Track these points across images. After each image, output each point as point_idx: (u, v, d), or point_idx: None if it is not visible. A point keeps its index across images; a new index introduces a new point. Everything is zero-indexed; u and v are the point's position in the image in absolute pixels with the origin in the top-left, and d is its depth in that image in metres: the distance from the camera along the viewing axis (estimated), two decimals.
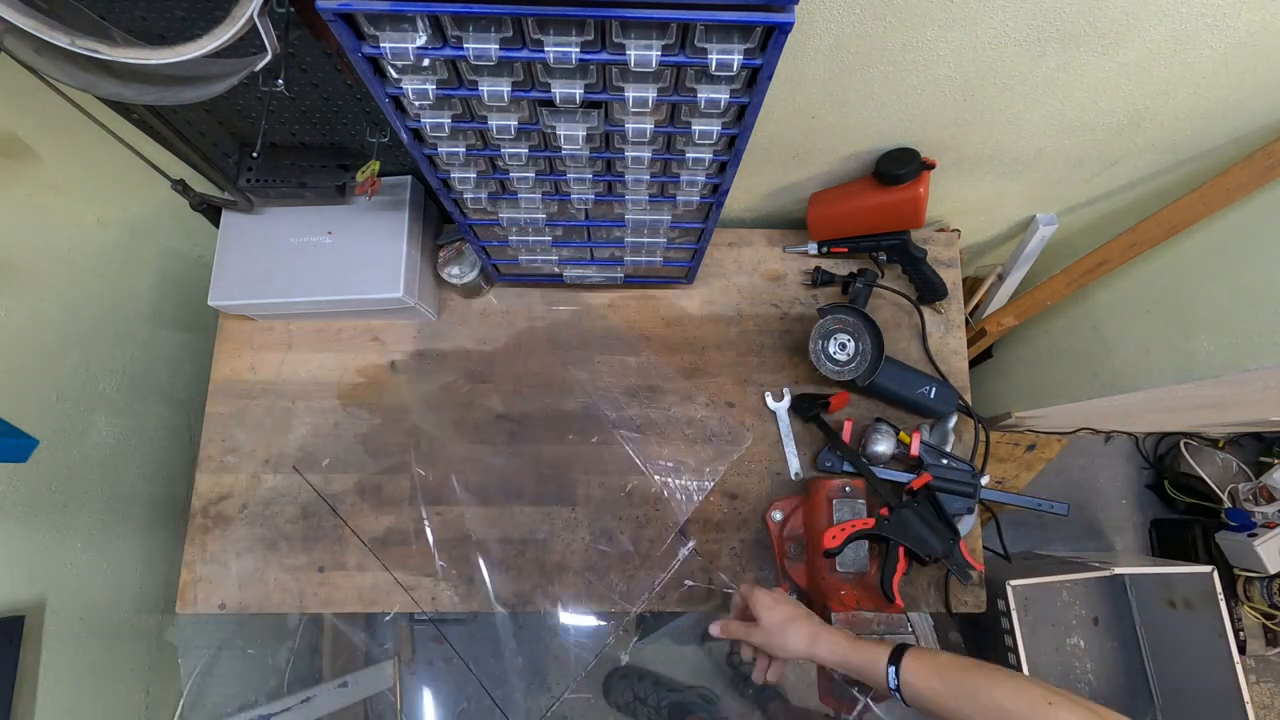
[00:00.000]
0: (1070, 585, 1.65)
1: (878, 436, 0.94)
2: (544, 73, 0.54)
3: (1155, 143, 0.85)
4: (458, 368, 1.01)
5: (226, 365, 1.01)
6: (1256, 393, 0.95)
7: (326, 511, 0.96)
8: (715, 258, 1.06)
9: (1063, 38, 0.65)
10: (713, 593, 0.95)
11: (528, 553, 0.95)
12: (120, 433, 1.03)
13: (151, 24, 0.63)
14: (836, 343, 0.94)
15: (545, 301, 1.04)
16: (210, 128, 0.80)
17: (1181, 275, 0.95)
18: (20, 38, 0.48)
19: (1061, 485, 1.91)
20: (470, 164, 0.67)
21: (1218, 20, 0.64)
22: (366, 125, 0.81)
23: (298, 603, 0.94)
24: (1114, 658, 1.63)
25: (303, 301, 0.90)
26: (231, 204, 0.88)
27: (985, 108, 0.77)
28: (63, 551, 0.92)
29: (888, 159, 0.86)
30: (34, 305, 0.89)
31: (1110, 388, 1.05)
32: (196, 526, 0.96)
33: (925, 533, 0.84)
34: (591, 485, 0.98)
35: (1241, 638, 1.63)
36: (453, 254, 0.96)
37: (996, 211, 1.06)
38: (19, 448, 0.65)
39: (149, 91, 0.55)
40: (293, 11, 0.56)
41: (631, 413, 1.00)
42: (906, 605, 0.93)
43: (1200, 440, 1.83)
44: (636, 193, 0.72)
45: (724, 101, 0.55)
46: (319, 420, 0.99)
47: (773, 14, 0.47)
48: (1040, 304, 1.08)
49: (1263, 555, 1.58)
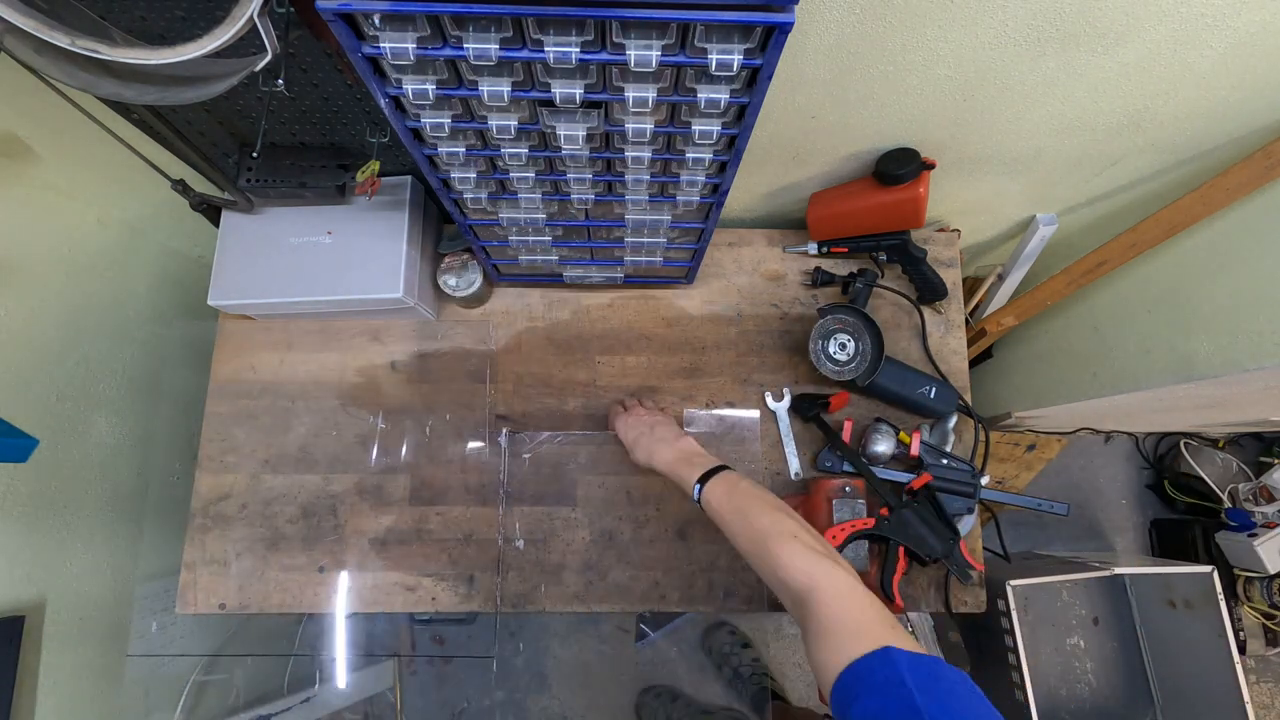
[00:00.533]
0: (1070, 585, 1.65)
1: (878, 436, 0.94)
2: (544, 73, 0.54)
3: (1155, 143, 0.85)
4: (458, 368, 1.01)
5: (226, 365, 1.01)
6: (1256, 393, 0.95)
7: (326, 511, 0.96)
8: (715, 258, 1.06)
9: (1063, 38, 0.65)
10: (713, 593, 0.95)
11: (528, 553, 0.95)
12: (120, 433, 1.03)
13: (151, 24, 0.63)
14: (836, 343, 0.94)
15: (545, 301, 1.04)
16: (210, 128, 0.80)
17: (1181, 275, 0.95)
18: (20, 38, 0.48)
19: (1061, 485, 1.91)
20: (470, 164, 0.67)
21: (1218, 20, 0.64)
22: (366, 125, 0.81)
23: (298, 603, 0.94)
24: (1114, 658, 1.63)
25: (303, 301, 0.90)
26: (231, 204, 0.88)
27: (985, 108, 0.77)
28: (63, 551, 0.92)
29: (888, 159, 0.86)
30: (34, 305, 0.89)
31: (1110, 388, 1.05)
32: (196, 526, 0.96)
33: (925, 533, 0.84)
34: (591, 485, 0.98)
35: (1241, 638, 1.63)
36: (455, 264, 0.96)
37: (996, 211, 1.06)
38: (19, 448, 0.65)
39: (149, 92, 0.55)
40: (293, 11, 0.56)
41: None
42: (906, 605, 0.93)
43: (1200, 440, 1.83)
44: (636, 193, 0.72)
45: (724, 101, 0.55)
46: (319, 420, 0.99)
47: (773, 14, 0.47)
48: (1040, 304, 1.08)
49: (1263, 555, 1.58)
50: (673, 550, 0.96)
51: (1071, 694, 1.61)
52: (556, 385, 1.01)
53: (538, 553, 0.95)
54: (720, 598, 0.95)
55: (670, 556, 0.95)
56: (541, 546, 0.96)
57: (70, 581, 0.93)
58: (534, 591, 0.94)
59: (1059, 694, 1.61)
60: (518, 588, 0.94)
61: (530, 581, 0.95)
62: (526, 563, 0.95)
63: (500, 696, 1.70)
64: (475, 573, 0.94)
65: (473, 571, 0.95)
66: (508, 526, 0.96)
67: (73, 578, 0.94)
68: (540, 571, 0.95)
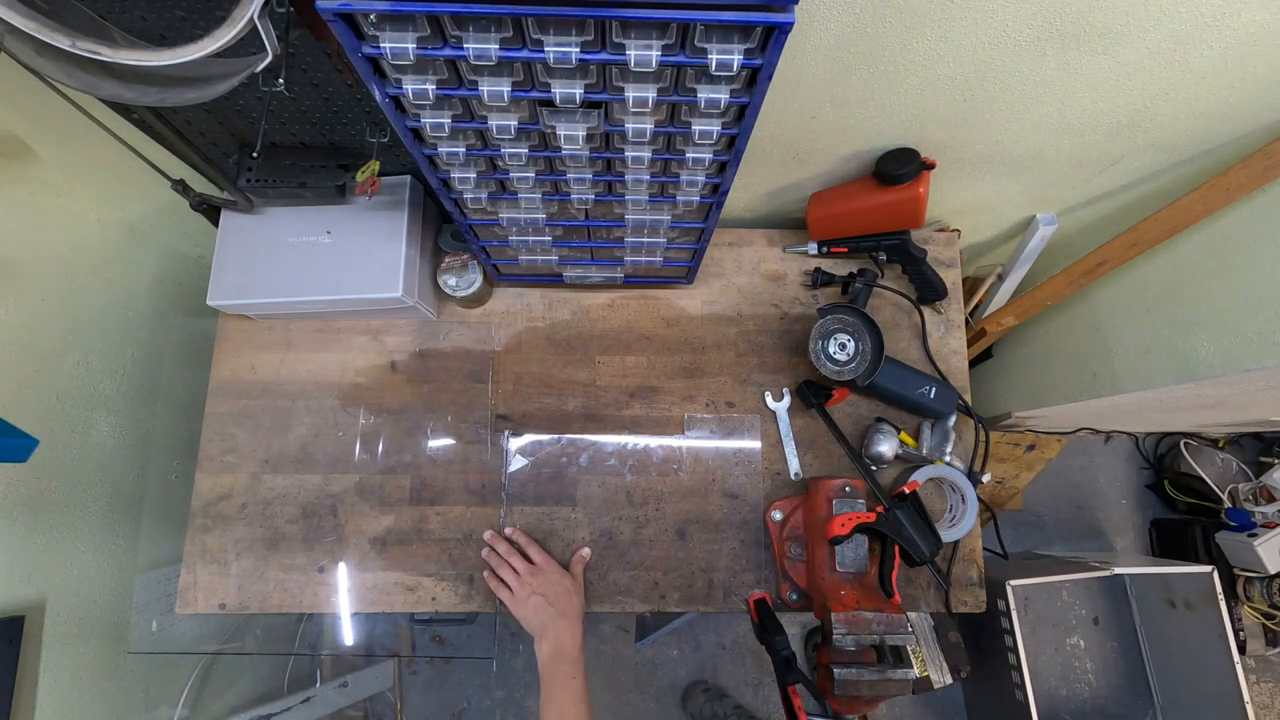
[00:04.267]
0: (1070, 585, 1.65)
1: (879, 436, 0.94)
2: (544, 73, 0.54)
3: (1155, 143, 0.85)
4: (458, 368, 1.02)
5: (226, 365, 1.01)
6: (1256, 393, 0.96)
7: (326, 511, 0.97)
8: (715, 258, 1.06)
9: (1063, 38, 0.66)
10: (713, 593, 0.95)
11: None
12: (120, 433, 1.03)
13: (152, 25, 0.63)
14: (836, 343, 0.94)
15: (545, 301, 1.04)
16: (210, 128, 0.80)
17: (1181, 275, 0.95)
18: (21, 39, 0.48)
19: (1061, 485, 1.91)
20: (470, 164, 0.67)
21: (1218, 20, 0.64)
22: (366, 125, 0.81)
23: (298, 603, 0.94)
24: (1114, 658, 1.63)
25: (302, 301, 0.90)
26: (231, 204, 0.88)
27: (985, 108, 0.77)
28: (63, 551, 0.93)
29: (888, 159, 0.86)
30: (34, 305, 0.89)
31: (1110, 388, 1.05)
32: (196, 526, 0.96)
33: (915, 535, 0.85)
34: (591, 485, 0.98)
35: (1241, 638, 1.63)
36: (455, 264, 0.96)
37: (996, 211, 1.06)
38: (19, 448, 0.65)
39: (150, 93, 0.55)
40: (293, 11, 0.56)
41: (631, 413, 1.00)
42: (906, 605, 0.93)
43: (1200, 440, 1.83)
44: (636, 193, 0.72)
45: (724, 101, 0.55)
46: (319, 420, 0.99)
47: (773, 14, 0.47)
48: (1040, 304, 1.08)
49: (1263, 555, 1.58)
50: (673, 550, 0.96)
51: (1071, 694, 1.61)
52: (556, 385, 1.01)
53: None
54: (720, 598, 0.95)
55: (670, 556, 0.95)
56: (542, 546, 0.96)
57: (70, 581, 0.93)
58: None
59: (1059, 694, 1.61)
60: None
61: None
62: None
63: (500, 696, 1.70)
64: (475, 573, 0.94)
65: (473, 571, 0.95)
66: (508, 526, 0.96)
67: (73, 578, 0.94)
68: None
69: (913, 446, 0.95)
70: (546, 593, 0.86)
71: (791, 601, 0.92)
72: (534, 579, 0.88)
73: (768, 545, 0.95)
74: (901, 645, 0.76)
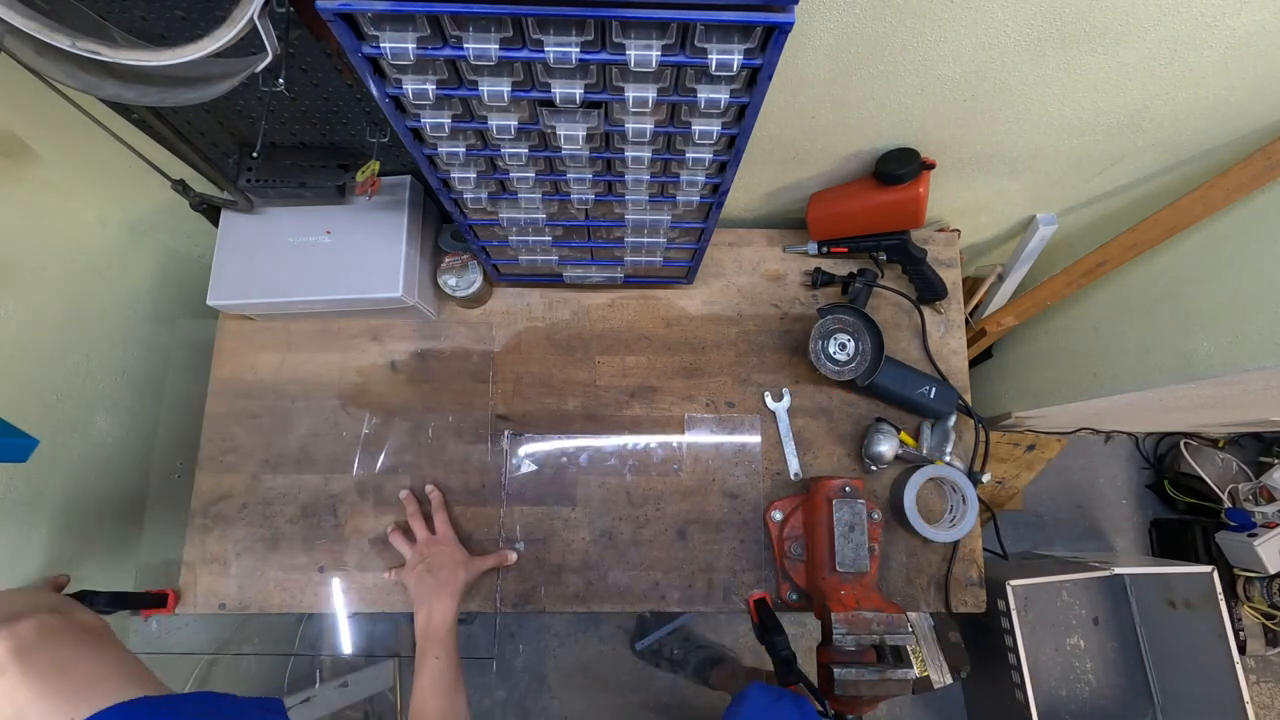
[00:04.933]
0: (1070, 585, 1.65)
1: (879, 437, 0.94)
2: (544, 73, 0.54)
3: (1155, 143, 0.85)
4: (458, 368, 1.01)
5: (226, 365, 1.01)
6: (1256, 393, 0.96)
7: (326, 511, 0.96)
8: (715, 258, 1.06)
9: (1063, 38, 0.66)
10: (713, 593, 0.95)
11: (528, 553, 0.95)
12: (121, 433, 1.03)
13: (152, 25, 0.63)
14: (836, 343, 0.94)
15: (545, 301, 1.04)
16: (210, 128, 0.80)
17: (1181, 275, 0.95)
18: (21, 39, 0.48)
19: (1061, 485, 1.91)
20: (470, 164, 0.67)
21: (1217, 20, 0.64)
22: (366, 125, 0.81)
23: (298, 603, 0.94)
24: (1114, 658, 1.63)
25: (302, 301, 0.90)
26: (231, 204, 0.88)
27: (985, 108, 0.77)
28: (63, 551, 0.92)
29: (888, 159, 0.86)
30: (34, 305, 0.89)
31: (1110, 388, 1.05)
32: (196, 526, 0.96)
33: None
34: (591, 485, 0.98)
35: (1241, 638, 1.63)
36: (455, 264, 0.96)
37: (996, 211, 1.06)
38: (19, 448, 0.65)
39: (150, 93, 0.55)
40: (293, 11, 0.56)
41: (631, 413, 1.00)
42: (906, 605, 0.93)
43: (1200, 440, 1.83)
44: (636, 193, 0.72)
45: (724, 101, 0.55)
46: (319, 420, 0.99)
47: (773, 14, 0.47)
48: (1040, 304, 1.08)
49: (1263, 555, 1.58)
50: (673, 550, 0.96)
51: (1071, 694, 1.61)
52: (556, 385, 1.01)
53: (538, 553, 0.95)
54: (720, 598, 0.95)
55: (670, 556, 0.95)
56: (541, 546, 0.96)
57: (70, 582, 0.93)
58: (534, 592, 0.94)
59: (1059, 694, 1.61)
60: (518, 588, 0.94)
61: (530, 582, 0.95)
62: (526, 563, 0.95)
63: (501, 696, 1.70)
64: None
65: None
66: (508, 526, 0.96)
67: (73, 578, 0.94)
68: (540, 571, 0.95)
69: (913, 446, 0.95)
70: (433, 564, 0.87)
71: (791, 601, 0.92)
72: (429, 549, 0.89)
73: (768, 545, 0.95)
74: (901, 645, 0.76)
